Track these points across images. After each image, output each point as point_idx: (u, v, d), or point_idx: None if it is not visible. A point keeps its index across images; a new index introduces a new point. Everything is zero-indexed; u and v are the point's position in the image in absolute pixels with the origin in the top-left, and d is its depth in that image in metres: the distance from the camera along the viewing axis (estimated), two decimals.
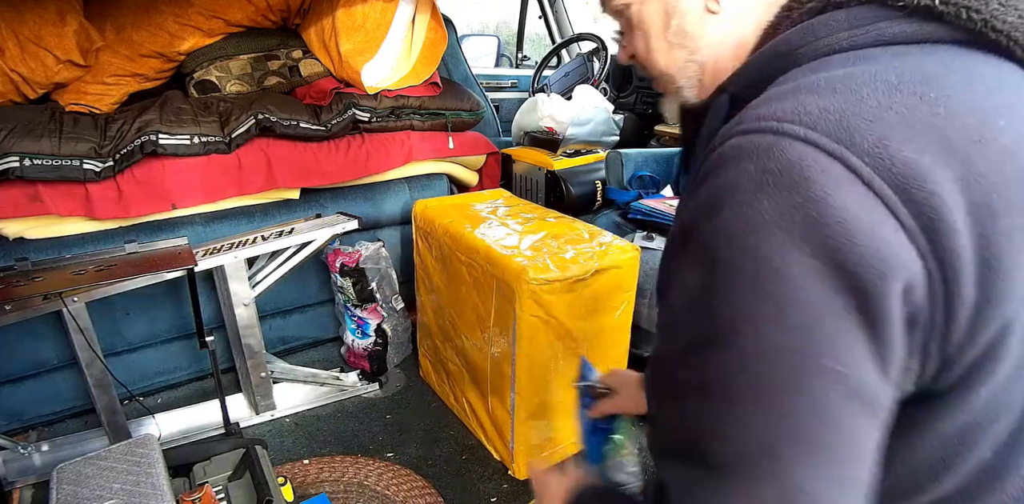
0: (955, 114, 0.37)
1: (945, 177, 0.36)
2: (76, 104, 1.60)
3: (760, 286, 0.37)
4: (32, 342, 1.48)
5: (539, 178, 2.06)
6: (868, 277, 0.35)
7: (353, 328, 1.84)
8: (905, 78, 0.39)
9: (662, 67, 0.55)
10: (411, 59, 1.91)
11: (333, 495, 1.38)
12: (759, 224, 0.37)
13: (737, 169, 0.38)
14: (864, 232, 0.35)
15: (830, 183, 0.35)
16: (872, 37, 0.42)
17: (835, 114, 0.37)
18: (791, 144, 0.37)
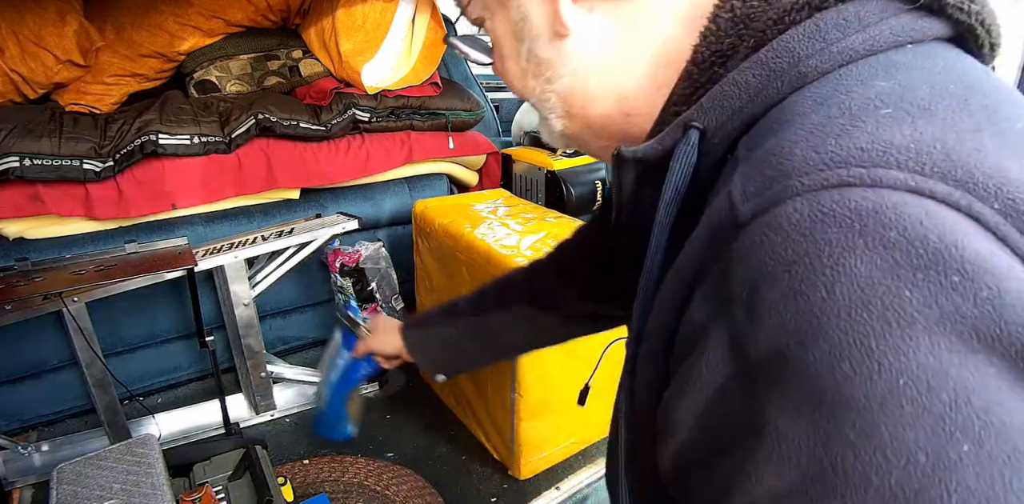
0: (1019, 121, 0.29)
1: None
2: (76, 104, 1.60)
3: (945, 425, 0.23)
4: (32, 342, 1.48)
5: (539, 178, 2.06)
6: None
7: None
8: (964, 84, 0.31)
9: (520, 92, 0.46)
10: (411, 59, 1.91)
11: (333, 495, 1.38)
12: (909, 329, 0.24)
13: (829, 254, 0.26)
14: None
15: (975, 254, 0.24)
16: (888, 38, 0.33)
17: (936, 145, 0.26)
18: (905, 200, 0.25)
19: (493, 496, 1.40)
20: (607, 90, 0.41)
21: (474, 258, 1.38)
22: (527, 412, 1.35)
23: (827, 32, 0.33)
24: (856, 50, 0.33)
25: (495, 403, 1.44)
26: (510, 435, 1.41)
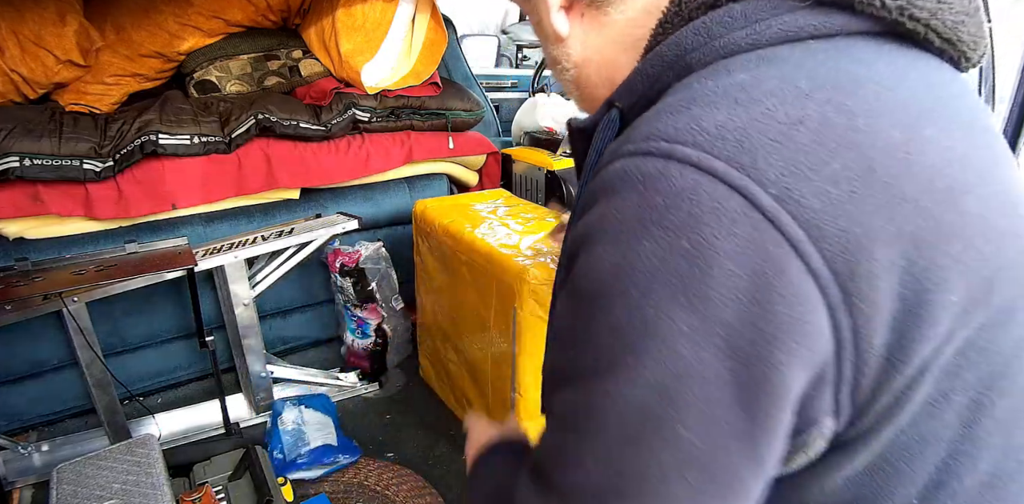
0: (878, 127, 0.32)
1: (865, 209, 0.30)
2: (76, 104, 1.60)
3: (626, 337, 0.32)
4: (32, 342, 1.48)
5: (539, 178, 2.06)
6: (756, 338, 0.30)
7: (353, 328, 1.84)
8: (818, 83, 0.33)
9: (558, 81, 0.54)
10: (411, 59, 1.91)
11: (333, 495, 1.38)
12: (636, 270, 0.31)
13: (619, 199, 0.33)
14: (760, 286, 0.30)
15: (725, 222, 0.30)
16: (776, 32, 0.36)
17: (735, 132, 0.31)
18: (681, 171, 0.31)
19: None
20: (604, 79, 0.47)
21: (475, 258, 1.38)
22: (527, 412, 1.35)
23: (711, 28, 0.37)
24: (738, 44, 0.36)
25: (496, 403, 1.44)
26: None
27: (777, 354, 0.30)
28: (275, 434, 1.48)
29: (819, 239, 0.30)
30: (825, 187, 0.30)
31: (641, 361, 0.32)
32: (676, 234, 0.31)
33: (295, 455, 1.41)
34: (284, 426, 1.49)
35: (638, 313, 0.32)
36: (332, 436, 1.48)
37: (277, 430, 1.49)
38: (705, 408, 0.31)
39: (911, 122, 0.33)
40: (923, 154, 0.32)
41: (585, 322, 0.35)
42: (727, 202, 0.30)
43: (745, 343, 0.31)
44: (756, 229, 0.30)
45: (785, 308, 0.30)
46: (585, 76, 0.49)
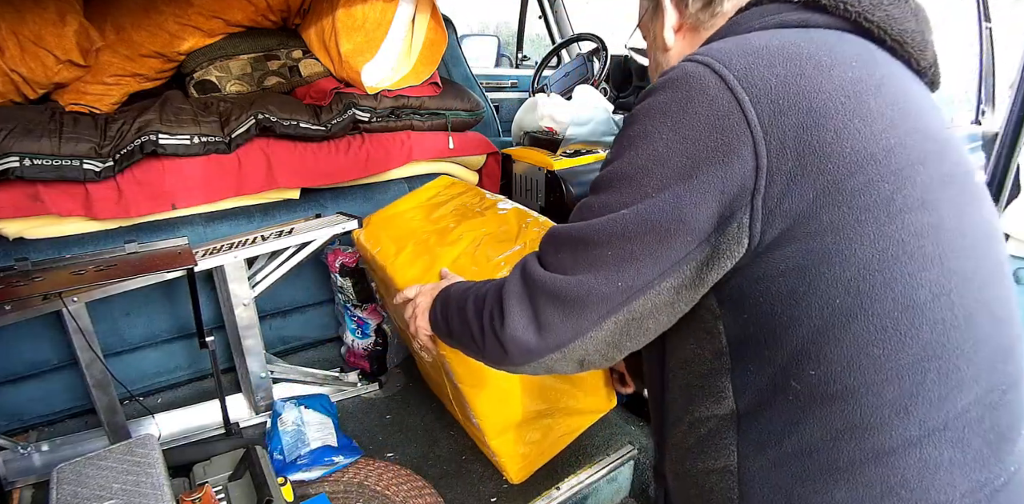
0: (814, 55, 0.54)
1: (788, 91, 0.52)
2: (76, 104, 1.60)
3: (636, 138, 0.58)
4: (32, 342, 1.48)
5: (539, 178, 2.06)
6: (705, 140, 0.53)
7: (353, 328, 1.84)
8: (788, 37, 0.57)
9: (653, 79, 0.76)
10: (411, 59, 1.91)
11: (333, 495, 1.37)
12: (651, 108, 0.57)
13: (658, 81, 0.58)
14: (714, 112, 0.53)
15: (706, 85, 0.54)
16: (776, 21, 0.60)
17: (726, 50, 0.56)
18: (691, 65, 0.56)
19: (493, 496, 1.40)
20: None
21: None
22: (494, 431, 1.30)
23: (739, 21, 0.64)
24: (752, 27, 0.61)
25: (468, 425, 1.43)
26: (488, 451, 1.39)
27: (712, 159, 0.53)
28: (275, 435, 1.48)
29: (756, 102, 0.52)
30: (768, 77, 0.53)
31: (636, 150, 0.57)
32: (676, 91, 0.56)
33: (295, 456, 1.41)
34: (284, 426, 1.49)
35: (642, 127, 0.58)
36: (332, 436, 1.48)
37: (277, 431, 1.48)
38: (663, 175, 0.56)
39: (842, 58, 0.55)
40: (846, 71, 0.54)
41: (618, 137, 0.61)
42: (708, 77, 0.54)
43: (695, 150, 0.54)
44: (720, 90, 0.53)
45: (728, 134, 0.52)
46: None
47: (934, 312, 0.52)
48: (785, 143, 0.51)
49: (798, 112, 0.51)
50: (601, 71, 2.32)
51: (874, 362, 0.52)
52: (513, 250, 1.26)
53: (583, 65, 2.45)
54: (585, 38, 2.50)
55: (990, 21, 2.37)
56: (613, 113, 2.12)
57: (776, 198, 0.52)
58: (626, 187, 0.57)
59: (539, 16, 3.16)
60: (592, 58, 2.42)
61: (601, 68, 2.33)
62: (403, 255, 1.33)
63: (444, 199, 1.55)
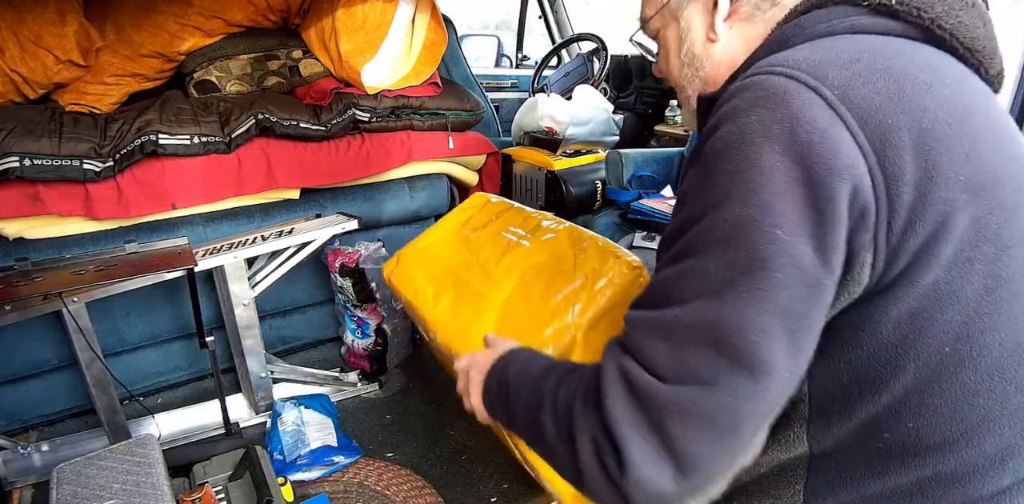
0: (908, 69, 0.49)
1: (895, 110, 0.47)
2: (76, 104, 1.60)
3: (738, 174, 0.47)
4: (32, 342, 1.48)
5: (539, 178, 2.06)
6: (822, 174, 0.45)
7: (353, 328, 1.84)
8: (872, 45, 0.52)
9: (674, 80, 0.70)
10: (411, 59, 1.91)
11: (333, 495, 1.38)
12: (746, 131, 0.48)
13: (738, 98, 0.50)
14: (824, 140, 0.45)
15: (805, 104, 0.47)
16: (846, 26, 0.54)
17: (814, 61, 0.49)
18: (778, 79, 0.48)
19: (493, 496, 1.40)
20: (726, 73, 0.64)
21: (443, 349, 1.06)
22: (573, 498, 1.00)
23: (803, 24, 0.57)
24: (820, 32, 0.55)
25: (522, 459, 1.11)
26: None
27: (833, 188, 0.45)
28: (275, 435, 1.48)
29: (863, 123, 0.46)
30: (870, 94, 0.47)
31: (750, 189, 0.47)
32: (773, 110, 0.47)
33: (295, 456, 1.41)
34: (284, 427, 1.49)
35: (746, 159, 0.47)
36: (332, 437, 1.48)
37: (277, 431, 1.48)
38: (791, 216, 0.46)
39: (935, 74, 0.50)
40: (942, 90, 0.49)
41: (708, 175, 0.50)
42: (806, 94, 0.47)
43: (814, 177, 0.45)
44: (823, 111, 0.46)
45: (840, 163, 0.45)
46: (714, 72, 0.65)
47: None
48: (903, 170, 0.45)
49: (910, 134, 0.46)
50: (601, 71, 2.32)
51: (978, 413, 0.49)
52: (572, 286, 1.05)
53: (583, 65, 2.46)
54: (585, 38, 2.50)
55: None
56: (613, 113, 2.12)
57: (899, 233, 0.46)
58: (753, 237, 0.46)
59: (539, 16, 3.16)
60: (592, 58, 2.42)
61: (601, 68, 2.33)
62: (444, 300, 1.15)
63: (481, 222, 1.32)
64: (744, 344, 0.45)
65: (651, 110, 2.80)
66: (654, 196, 1.92)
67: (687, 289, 0.48)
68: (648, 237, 1.74)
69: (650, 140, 2.68)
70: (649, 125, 2.70)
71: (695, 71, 0.66)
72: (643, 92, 2.87)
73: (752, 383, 0.45)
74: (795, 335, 0.46)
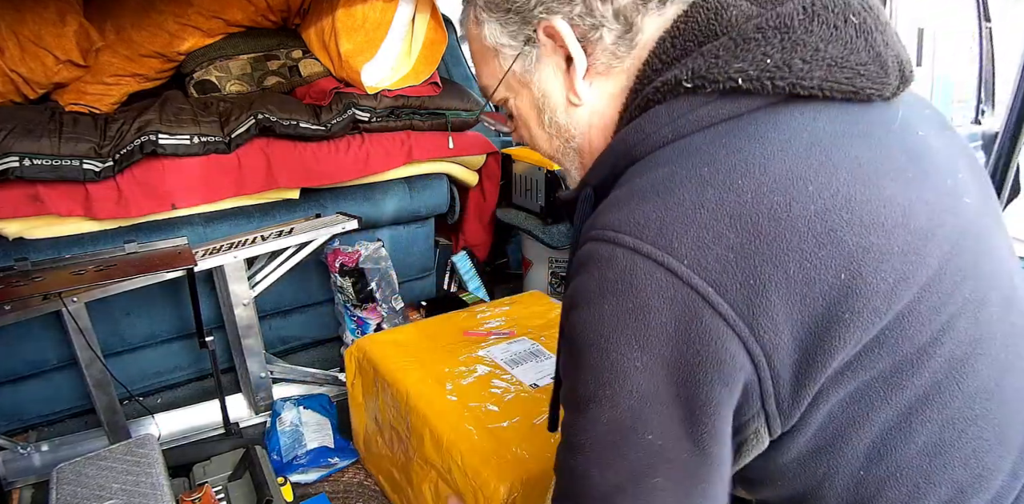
0: (762, 198, 0.42)
1: (757, 264, 0.41)
2: (76, 104, 1.60)
3: (600, 374, 0.44)
4: (32, 342, 1.48)
5: (539, 178, 2.06)
6: (687, 370, 0.42)
7: (353, 328, 1.84)
8: (717, 167, 0.43)
9: (547, 152, 0.63)
10: (411, 59, 1.91)
11: (333, 495, 1.37)
12: (601, 324, 0.43)
13: (587, 274, 0.45)
14: (688, 329, 0.41)
15: (654, 288, 0.41)
16: (692, 124, 0.47)
17: (656, 221, 0.42)
18: (624, 254, 0.43)
19: None
20: (600, 139, 0.57)
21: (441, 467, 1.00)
22: None
23: (644, 127, 0.49)
24: (666, 137, 0.47)
25: None
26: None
27: (703, 376, 0.42)
28: (274, 435, 1.48)
29: (724, 292, 0.41)
30: (725, 253, 0.41)
31: (614, 391, 0.44)
32: (624, 298, 0.42)
33: (292, 456, 1.41)
34: (282, 427, 1.49)
35: (606, 357, 0.44)
36: (329, 437, 1.48)
37: (276, 431, 1.49)
38: (662, 420, 0.44)
39: (792, 185, 0.42)
40: (804, 208, 0.41)
41: (574, 366, 0.47)
42: (655, 273, 0.41)
43: (681, 372, 0.42)
44: (676, 289, 0.41)
45: (705, 343, 0.41)
46: (587, 141, 0.58)
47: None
48: (779, 335, 0.41)
49: (776, 289, 0.41)
50: None
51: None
52: None
53: None
54: None
55: (990, 21, 2.37)
56: None
57: (788, 398, 0.44)
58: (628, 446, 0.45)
59: None
60: None
61: None
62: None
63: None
64: None
65: None
66: None
67: (582, 494, 0.48)
68: None
69: None
70: None
71: (566, 143, 0.59)
72: None
73: None
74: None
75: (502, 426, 0.98)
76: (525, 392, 1.07)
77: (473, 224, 2.22)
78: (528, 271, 2.23)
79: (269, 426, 1.54)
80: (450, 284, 2.27)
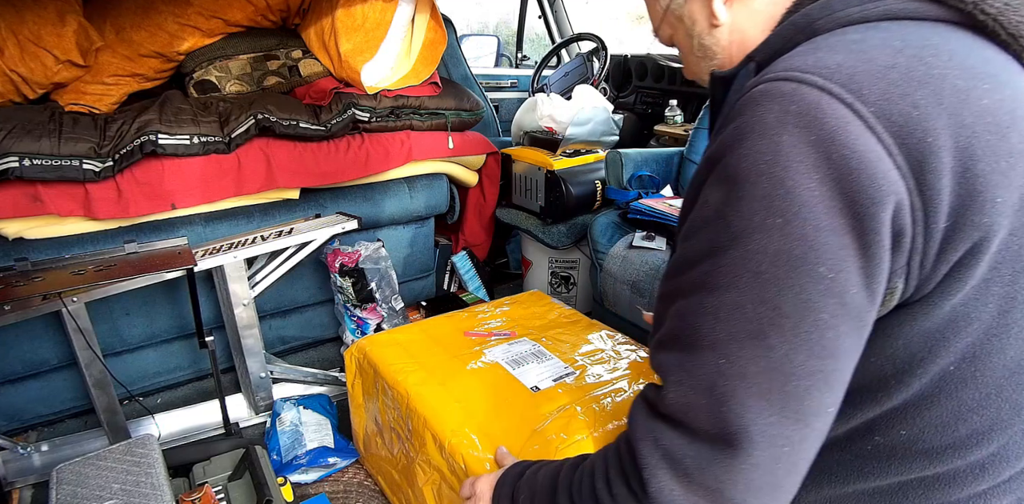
0: (947, 76, 0.45)
1: (934, 126, 0.43)
2: (76, 104, 1.60)
3: (772, 202, 0.44)
4: (32, 342, 1.48)
5: (539, 178, 2.06)
6: (864, 203, 0.43)
7: (353, 328, 1.84)
8: (908, 43, 0.46)
9: (698, 76, 0.68)
10: (411, 59, 1.91)
11: (333, 495, 1.38)
12: (778, 153, 0.44)
13: (762, 108, 0.46)
14: (864, 166, 0.43)
15: (841, 124, 0.43)
16: (880, 12, 0.49)
17: (848, 69, 0.45)
18: (810, 91, 0.44)
19: None
20: (738, 54, 0.60)
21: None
22: None
23: (833, 5, 0.51)
24: (852, 18, 0.50)
25: None
26: None
27: (878, 214, 0.43)
28: (273, 435, 1.48)
29: (902, 144, 0.43)
30: (908, 109, 0.43)
31: (787, 220, 0.44)
32: (807, 130, 0.43)
33: (292, 456, 1.41)
34: (282, 427, 1.49)
35: (781, 186, 0.44)
36: (329, 438, 1.48)
37: (275, 431, 1.49)
38: (835, 251, 0.43)
39: (973, 77, 0.45)
40: (980, 99, 0.45)
41: (735, 197, 0.46)
42: (840, 111, 0.43)
43: (858, 207, 0.43)
44: (860, 132, 0.43)
45: (879, 184, 0.43)
46: (730, 57, 0.62)
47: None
48: (941, 194, 0.43)
49: (949, 155, 0.43)
50: (601, 71, 2.32)
51: (970, 427, 0.50)
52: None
53: (583, 65, 2.45)
54: (585, 38, 2.50)
55: None
56: (613, 113, 2.12)
57: (932, 259, 0.45)
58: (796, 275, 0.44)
59: (539, 16, 3.16)
60: (592, 58, 2.42)
61: (601, 68, 2.33)
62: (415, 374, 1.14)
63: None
64: (794, 390, 0.45)
65: (651, 110, 2.80)
66: (654, 196, 1.92)
67: (720, 329, 0.46)
68: (647, 237, 1.74)
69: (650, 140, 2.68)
70: (649, 125, 2.70)
71: (709, 62, 0.64)
72: (643, 92, 2.87)
73: (804, 427, 0.46)
74: (842, 373, 0.46)
75: (504, 429, 0.98)
76: (527, 395, 1.07)
77: (473, 224, 2.22)
78: (528, 271, 2.23)
79: (269, 426, 1.54)
80: (450, 284, 2.27)
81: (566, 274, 2.13)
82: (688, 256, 0.50)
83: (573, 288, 2.15)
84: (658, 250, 1.69)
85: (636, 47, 3.06)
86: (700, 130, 2.01)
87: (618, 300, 1.74)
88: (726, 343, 0.46)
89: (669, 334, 0.51)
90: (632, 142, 2.66)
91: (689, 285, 0.49)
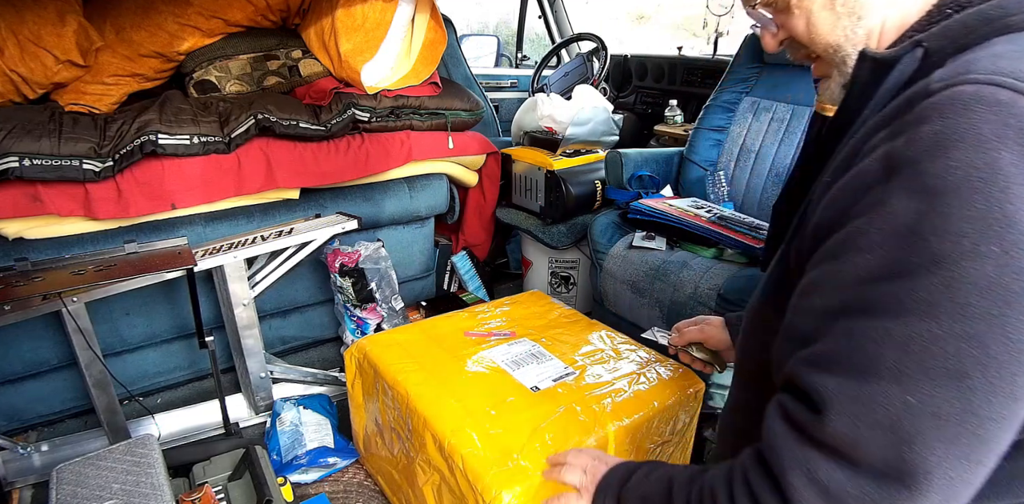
0: None
1: None
2: (76, 104, 1.60)
3: (988, 226, 0.39)
4: (32, 342, 1.48)
5: (539, 178, 2.06)
6: None
7: (353, 328, 1.84)
8: None
9: (828, 40, 0.56)
10: (411, 59, 1.91)
11: (333, 495, 1.38)
12: (996, 171, 0.39)
13: (976, 116, 0.40)
14: None
15: None
16: None
17: None
18: (1017, 96, 0.40)
19: None
20: (895, 25, 0.54)
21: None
22: None
23: (1009, 8, 0.46)
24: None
25: None
26: None
27: None
28: (273, 435, 1.48)
29: None
30: None
31: (1007, 251, 0.39)
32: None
33: (292, 456, 1.41)
34: (282, 427, 1.49)
35: (998, 208, 0.39)
36: (329, 438, 1.48)
37: (275, 431, 1.49)
38: None
39: None
40: None
41: (938, 215, 0.41)
42: None
43: None
44: None
45: None
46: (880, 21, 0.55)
47: None
48: None
49: None
50: (601, 71, 2.32)
51: None
52: None
53: (583, 65, 2.46)
54: (585, 38, 2.50)
55: None
56: (613, 113, 2.12)
57: None
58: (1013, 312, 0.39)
59: (539, 16, 3.16)
60: (592, 58, 2.42)
61: (601, 68, 2.33)
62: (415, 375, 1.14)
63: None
64: (985, 434, 0.41)
65: (651, 110, 2.80)
66: (653, 196, 1.92)
67: (908, 362, 0.42)
68: (647, 237, 1.74)
69: (650, 140, 2.68)
70: (649, 125, 2.70)
71: (857, 21, 0.54)
72: (643, 92, 2.87)
73: (984, 468, 0.42)
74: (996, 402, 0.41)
75: (504, 429, 0.98)
76: (527, 395, 1.07)
77: (473, 224, 2.22)
78: (528, 271, 2.23)
79: (269, 426, 1.54)
80: (450, 284, 2.27)
81: (566, 274, 2.14)
82: (863, 268, 0.44)
83: (573, 288, 2.15)
84: (658, 250, 1.68)
85: (636, 47, 3.06)
86: (700, 130, 2.01)
87: (618, 300, 1.74)
88: (916, 379, 0.41)
89: (833, 355, 0.46)
90: (632, 142, 2.67)
91: (863, 304, 0.44)
